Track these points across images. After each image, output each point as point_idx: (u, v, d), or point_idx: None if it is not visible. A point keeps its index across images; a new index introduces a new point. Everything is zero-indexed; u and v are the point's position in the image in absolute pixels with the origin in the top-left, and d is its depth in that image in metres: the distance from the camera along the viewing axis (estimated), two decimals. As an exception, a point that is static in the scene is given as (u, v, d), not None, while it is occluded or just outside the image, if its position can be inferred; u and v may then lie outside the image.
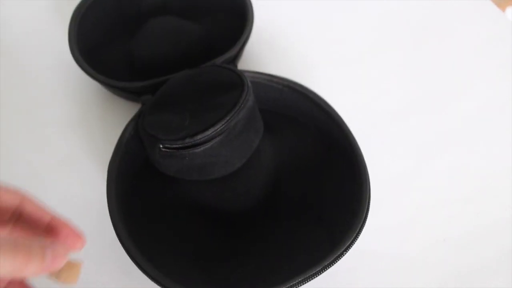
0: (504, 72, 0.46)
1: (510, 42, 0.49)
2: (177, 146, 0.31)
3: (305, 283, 0.30)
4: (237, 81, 0.33)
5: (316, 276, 0.30)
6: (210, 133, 0.31)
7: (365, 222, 0.32)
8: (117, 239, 0.31)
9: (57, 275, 0.22)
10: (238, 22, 0.43)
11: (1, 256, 0.19)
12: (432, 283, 0.35)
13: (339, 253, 0.30)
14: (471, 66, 0.47)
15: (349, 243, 0.31)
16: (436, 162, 0.40)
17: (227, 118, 0.31)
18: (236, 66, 0.40)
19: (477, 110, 0.43)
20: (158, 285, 0.29)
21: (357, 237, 0.31)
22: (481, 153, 0.41)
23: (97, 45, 0.44)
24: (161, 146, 0.32)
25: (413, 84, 0.46)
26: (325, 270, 0.30)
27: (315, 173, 0.36)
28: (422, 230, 0.37)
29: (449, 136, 0.42)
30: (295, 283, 0.29)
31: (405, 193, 0.39)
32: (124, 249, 0.31)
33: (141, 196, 0.35)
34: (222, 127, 0.31)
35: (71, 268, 0.23)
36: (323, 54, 0.48)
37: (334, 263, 0.30)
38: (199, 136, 0.31)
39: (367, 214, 0.32)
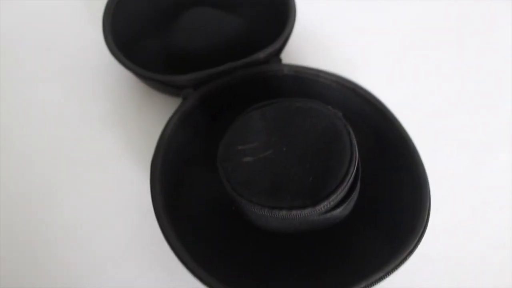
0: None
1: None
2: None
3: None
4: (341, 136, 0.30)
5: (377, 283, 0.28)
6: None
7: (427, 225, 0.30)
8: (156, 237, 0.31)
9: None
10: (279, 13, 0.41)
11: None
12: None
13: (402, 258, 0.29)
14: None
15: (412, 247, 0.29)
16: (491, 162, 0.38)
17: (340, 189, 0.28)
18: (280, 60, 0.38)
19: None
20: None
21: (420, 241, 0.29)
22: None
23: (132, 38, 0.42)
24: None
25: (460, 80, 0.43)
26: (387, 277, 0.28)
27: (368, 176, 0.34)
28: (482, 233, 0.35)
29: (503, 134, 0.40)
30: None
31: (462, 195, 0.37)
32: (174, 252, 0.29)
33: (186, 193, 0.34)
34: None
35: None
36: (365, 49, 0.46)
37: (397, 268, 0.29)
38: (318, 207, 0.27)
39: (429, 217, 0.30)
